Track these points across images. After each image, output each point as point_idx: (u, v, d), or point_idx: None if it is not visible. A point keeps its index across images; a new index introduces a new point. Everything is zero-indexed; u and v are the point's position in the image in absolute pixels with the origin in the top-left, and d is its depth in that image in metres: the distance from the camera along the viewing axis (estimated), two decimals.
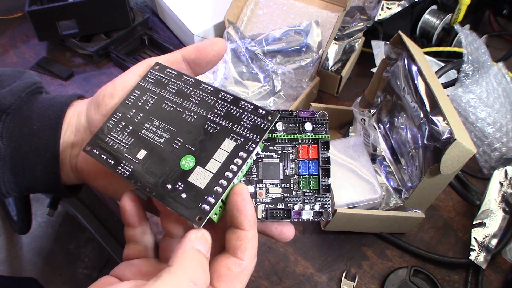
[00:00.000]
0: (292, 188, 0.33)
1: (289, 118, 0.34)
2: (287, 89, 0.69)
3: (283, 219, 0.33)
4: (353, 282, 0.53)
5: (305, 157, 0.34)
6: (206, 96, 0.33)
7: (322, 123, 0.34)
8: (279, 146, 0.34)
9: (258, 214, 0.32)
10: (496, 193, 0.57)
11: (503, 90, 0.64)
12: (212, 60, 0.35)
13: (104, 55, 0.81)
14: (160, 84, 0.35)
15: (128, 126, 0.33)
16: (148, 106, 0.34)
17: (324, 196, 0.33)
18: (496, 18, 0.86)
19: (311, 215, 0.33)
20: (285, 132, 0.34)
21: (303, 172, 0.33)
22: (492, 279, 0.54)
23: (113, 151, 0.32)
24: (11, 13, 0.89)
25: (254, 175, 0.33)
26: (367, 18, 0.74)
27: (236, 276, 0.27)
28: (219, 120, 0.31)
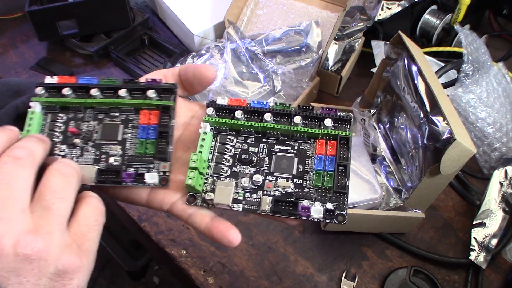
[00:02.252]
0: (305, 184, 0.32)
1: (309, 113, 0.33)
2: (287, 89, 0.69)
3: (289, 214, 0.31)
4: (353, 282, 0.53)
5: (321, 152, 0.32)
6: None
7: (345, 121, 0.33)
8: (296, 141, 0.33)
9: (263, 206, 0.31)
10: (496, 193, 0.57)
11: (503, 90, 0.63)
12: (205, 84, 0.35)
13: (104, 55, 0.81)
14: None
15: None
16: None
17: (339, 195, 0.31)
18: (496, 18, 0.86)
19: (321, 214, 0.30)
20: (304, 127, 0.33)
21: (318, 168, 0.32)
22: (492, 279, 0.54)
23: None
24: (11, 13, 0.89)
25: (266, 167, 0.33)
26: (367, 18, 0.74)
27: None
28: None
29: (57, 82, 0.35)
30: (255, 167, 0.33)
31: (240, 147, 0.34)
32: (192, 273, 0.54)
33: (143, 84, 0.34)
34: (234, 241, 0.31)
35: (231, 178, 0.33)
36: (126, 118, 0.35)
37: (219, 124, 0.34)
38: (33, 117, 0.34)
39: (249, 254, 0.55)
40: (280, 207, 0.31)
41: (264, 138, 0.34)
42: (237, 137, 0.34)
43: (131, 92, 0.35)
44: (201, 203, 0.32)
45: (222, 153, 0.34)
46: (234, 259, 0.55)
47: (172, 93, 0.35)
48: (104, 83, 0.35)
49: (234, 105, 0.34)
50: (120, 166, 0.33)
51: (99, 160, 0.34)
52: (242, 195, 0.32)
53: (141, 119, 0.34)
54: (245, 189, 0.32)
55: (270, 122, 0.33)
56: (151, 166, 0.33)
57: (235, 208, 0.32)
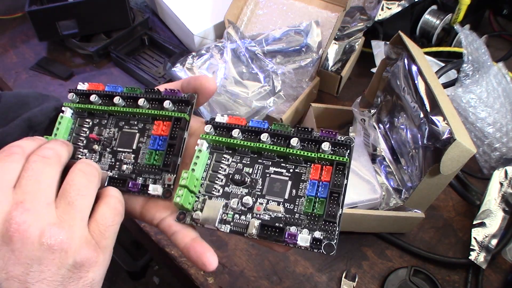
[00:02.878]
0: (296, 210, 0.31)
1: (307, 135, 0.32)
2: (287, 89, 0.69)
3: (275, 240, 0.30)
4: (353, 282, 0.53)
5: (316, 177, 0.30)
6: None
7: (345, 146, 0.31)
8: (292, 164, 0.32)
9: (251, 230, 0.30)
10: (496, 193, 0.57)
11: (503, 90, 0.64)
12: (208, 94, 0.35)
13: (104, 55, 0.81)
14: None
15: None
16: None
17: (328, 224, 0.29)
18: (496, 18, 0.86)
19: (308, 243, 0.29)
20: (301, 150, 0.32)
21: (310, 193, 0.30)
22: (492, 279, 0.54)
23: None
24: (11, 13, 0.89)
25: (258, 189, 0.32)
26: (367, 18, 0.74)
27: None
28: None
29: (87, 89, 0.36)
30: (247, 188, 0.32)
31: (235, 166, 0.33)
32: (192, 273, 0.54)
33: (161, 94, 0.35)
34: (208, 265, 0.30)
35: (222, 198, 0.33)
36: (143, 127, 0.36)
37: (216, 142, 0.34)
38: (61, 121, 0.36)
39: (249, 254, 0.55)
40: (266, 232, 0.30)
41: (260, 159, 0.33)
42: (233, 156, 0.34)
43: (150, 102, 0.35)
44: (190, 221, 0.32)
45: (216, 171, 0.34)
46: (234, 259, 0.55)
47: (188, 105, 0.34)
48: (127, 91, 0.36)
49: (233, 123, 0.33)
50: (129, 175, 0.34)
51: (114, 167, 0.35)
52: (231, 216, 0.32)
53: (154, 129, 0.34)
54: (234, 211, 0.32)
55: (267, 142, 0.32)
56: (158, 177, 0.34)
57: (222, 230, 0.31)
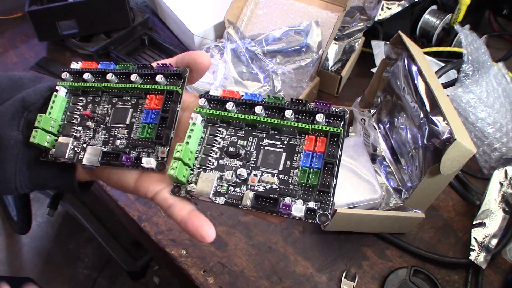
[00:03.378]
0: (290, 181, 0.31)
1: (301, 107, 0.31)
2: (287, 89, 0.69)
3: (270, 211, 0.30)
4: (353, 282, 0.53)
5: (310, 148, 0.30)
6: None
7: (339, 117, 0.31)
8: (286, 136, 0.32)
9: (245, 201, 0.30)
10: (496, 193, 0.57)
11: (503, 90, 0.64)
12: (202, 70, 0.35)
13: (104, 55, 0.81)
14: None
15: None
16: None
17: (323, 194, 0.29)
18: (496, 18, 0.86)
19: (302, 213, 0.29)
20: (296, 121, 0.31)
21: (304, 164, 0.30)
22: (492, 279, 0.54)
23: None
24: (11, 13, 0.89)
25: (252, 161, 0.32)
26: (367, 18, 0.74)
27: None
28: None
29: (81, 67, 0.37)
30: (241, 161, 0.32)
31: (229, 139, 0.33)
32: (192, 273, 0.54)
33: (154, 69, 0.35)
34: (207, 237, 0.30)
35: (216, 171, 0.32)
36: (136, 102, 0.36)
37: (210, 116, 0.33)
38: (55, 100, 0.36)
39: (249, 254, 0.55)
40: (261, 203, 0.30)
41: (254, 131, 0.33)
42: (227, 129, 0.34)
43: (142, 77, 0.35)
44: (185, 194, 0.32)
45: (211, 144, 0.33)
46: (234, 259, 0.55)
47: (181, 78, 0.34)
48: (119, 67, 0.36)
49: (227, 97, 0.33)
50: (123, 149, 0.34)
51: (107, 143, 0.35)
52: (225, 189, 0.32)
53: (147, 103, 0.34)
54: (229, 183, 0.32)
55: (261, 115, 0.32)
56: (152, 150, 0.34)
57: (217, 201, 0.31)
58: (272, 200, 0.30)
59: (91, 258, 1.35)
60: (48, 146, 0.35)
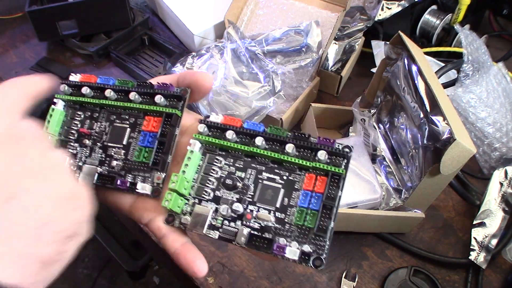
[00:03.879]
0: (287, 220, 0.30)
1: (304, 142, 0.30)
2: (287, 89, 0.69)
3: (263, 251, 0.29)
4: (353, 282, 0.53)
5: (309, 188, 0.29)
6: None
7: (343, 156, 0.29)
8: (286, 170, 0.31)
9: (239, 238, 0.30)
10: (496, 193, 0.57)
11: (503, 90, 0.64)
12: (204, 92, 0.34)
13: (104, 55, 0.81)
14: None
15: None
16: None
17: (318, 238, 0.28)
18: (496, 18, 0.86)
19: (296, 256, 0.28)
20: (297, 157, 0.30)
21: (301, 204, 0.29)
22: (492, 279, 0.54)
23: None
24: (11, 13, 0.89)
25: (250, 195, 0.31)
26: (367, 18, 0.74)
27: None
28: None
29: (80, 80, 0.36)
30: (238, 194, 0.31)
31: (227, 169, 0.32)
32: None
33: (154, 88, 0.33)
34: (198, 273, 0.30)
35: (212, 202, 0.32)
36: (134, 122, 0.34)
37: (208, 143, 0.33)
38: (53, 114, 0.35)
39: (249, 254, 0.55)
40: (255, 242, 0.29)
41: (253, 163, 0.32)
42: (226, 159, 0.33)
43: (141, 95, 0.34)
44: (178, 224, 0.32)
45: (208, 174, 0.33)
46: (234, 259, 0.55)
47: (181, 100, 0.33)
48: (118, 84, 0.35)
49: (227, 124, 0.32)
50: (118, 171, 0.33)
51: (104, 162, 0.34)
52: (220, 222, 0.31)
53: (145, 125, 0.33)
54: (224, 217, 0.31)
55: (262, 147, 0.31)
56: (148, 175, 0.33)
57: (211, 235, 0.31)
58: (267, 240, 0.29)
59: (91, 258, 1.35)
60: None
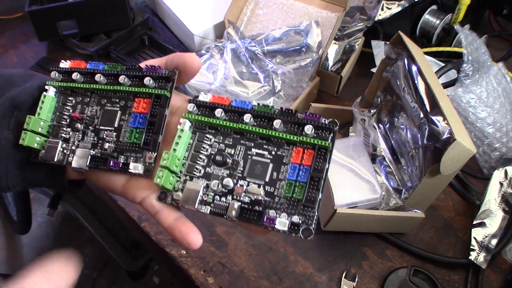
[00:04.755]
0: (276, 193, 0.31)
1: (291, 117, 0.31)
2: (287, 89, 0.69)
3: (254, 223, 0.30)
4: (353, 282, 0.53)
5: (297, 161, 0.30)
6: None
7: (329, 130, 0.30)
8: (274, 146, 0.32)
9: (230, 212, 0.30)
10: (496, 193, 0.57)
11: (503, 90, 0.64)
12: (192, 73, 0.35)
13: (104, 55, 0.81)
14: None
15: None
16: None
17: (307, 209, 0.29)
18: (496, 18, 0.86)
19: (286, 227, 0.29)
20: (284, 132, 0.31)
21: (290, 177, 0.30)
22: (492, 279, 0.54)
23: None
24: (11, 13, 0.89)
25: (239, 170, 0.32)
26: (367, 18, 0.74)
27: None
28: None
29: (69, 66, 0.37)
30: (228, 170, 0.32)
31: (217, 147, 0.33)
32: (192, 273, 0.54)
33: (142, 71, 0.34)
34: (193, 244, 0.30)
35: (203, 179, 0.32)
36: (125, 104, 0.35)
37: (198, 122, 0.33)
38: (44, 100, 0.36)
39: (249, 254, 0.55)
40: (245, 215, 0.30)
41: (242, 140, 0.33)
42: (215, 136, 0.33)
43: (131, 78, 0.35)
44: (171, 201, 0.32)
45: (198, 151, 0.33)
46: (234, 259, 0.55)
47: (169, 81, 0.34)
48: (108, 68, 0.35)
49: (216, 103, 0.33)
50: (111, 153, 0.34)
51: (96, 145, 0.35)
52: (211, 198, 0.32)
53: (135, 107, 0.34)
54: (215, 192, 0.32)
55: (250, 123, 0.32)
56: (139, 155, 0.34)
57: (202, 210, 0.31)
58: (257, 212, 0.30)
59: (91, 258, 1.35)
60: (38, 148, 0.35)
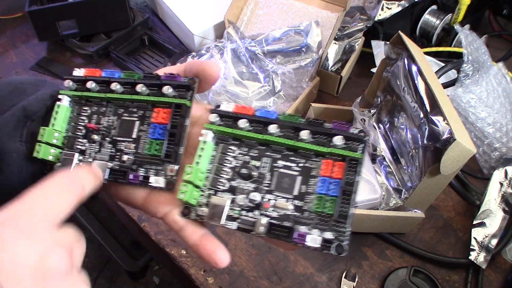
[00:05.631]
0: (306, 207, 0.29)
1: (318, 127, 0.30)
2: (287, 89, 0.69)
3: (284, 239, 0.28)
4: (353, 282, 0.53)
5: (326, 174, 0.29)
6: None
7: (359, 140, 0.29)
8: (302, 158, 0.30)
9: (258, 228, 0.29)
10: (496, 193, 0.57)
11: (503, 90, 0.64)
12: (212, 81, 0.33)
13: (104, 55, 0.81)
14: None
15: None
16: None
17: (339, 225, 0.28)
18: (496, 18, 0.86)
19: (317, 243, 0.28)
20: (312, 143, 0.30)
21: (320, 191, 0.29)
22: (492, 279, 0.54)
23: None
24: (11, 13, 0.89)
25: (266, 184, 0.31)
26: (367, 18, 0.74)
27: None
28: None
29: (84, 75, 0.35)
30: (254, 183, 0.31)
31: (241, 159, 0.32)
32: (192, 273, 0.54)
33: (161, 79, 0.33)
34: (220, 263, 0.29)
35: (228, 193, 0.31)
36: (143, 114, 0.34)
37: (221, 133, 0.32)
38: (58, 110, 0.34)
39: (249, 254, 0.55)
40: (274, 231, 0.29)
41: (268, 151, 0.31)
42: (239, 148, 0.32)
43: (149, 87, 0.33)
44: (195, 217, 0.31)
45: (222, 164, 0.32)
46: (234, 259, 0.55)
47: (189, 90, 0.32)
48: (124, 76, 0.34)
49: (239, 113, 0.32)
50: (130, 166, 0.33)
51: (114, 157, 0.33)
52: (237, 213, 0.30)
53: (154, 117, 0.32)
54: (241, 207, 0.31)
55: (275, 134, 0.30)
56: (160, 168, 0.32)
57: (228, 226, 0.30)
58: (287, 228, 0.29)
59: (91, 258, 1.35)
60: (52, 160, 0.34)
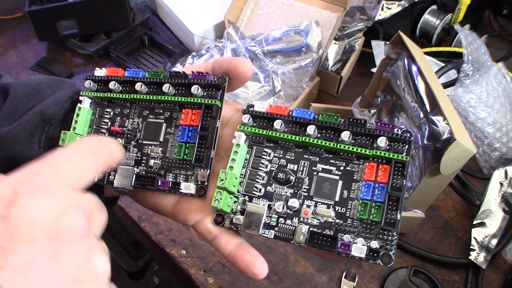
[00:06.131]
0: (348, 214, 0.27)
1: (361, 128, 0.28)
2: (287, 89, 0.69)
3: (326, 249, 0.27)
4: (353, 282, 0.53)
5: (371, 178, 0.27)
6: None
7: (404, 142, 0.27)
8: (342, 160, 0.29)
9: (298, 237, 0.27)
10: (496, 193, 0.57)
11: (503, 90, 0.63)
12: (244, 79, 0.31)
13: (104, 55, 0.81)
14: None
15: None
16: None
17: (386, 233, 0.26)
18: (496, 18, 0.86)
19: (363, 253, 0.26)
20: (353, 145, 0.28)
21: (365, 197, 0.27)
22: (492, 279, 0.54)
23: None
24: (11, 13, 0.89)
25: (305, 189, 0.29)
26: (367, 18, 0.74)
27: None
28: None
29: (105, 75, 0.33)
30: (292, 188, 0.29)
31: (277, 162, 0.30)
32: (192, 273, 0.54)
33: (188, 78, 0.31)
34: (259, 275, 0.28)
35: (264, 199, 0.29)
36: (170, 116, 0.32)
37: (255, 135, 0.30)
38: (80, 113, 0.32)
39: None
40: (316, 240, 0.27)
41: (305, 154, 0.29)
42: (275, 150, 0.30)
43: (175, 87, 0.31)
44: (229, 225, 0.29)
45: (257, 168, 0.30)
46: None
47: (219, 89, 0.30)
48: (150, 76, 0.32)
49: (273, 113, 0.30)
50: (158, 171, 0.31)
51: (140, 162, 0.32)
52: (275, 220, 0.29)
53: (183, 119, 0.30)
54: (279, 214, 0.29)
55: (313, 136, 0.29)
56: (190, 173, 0.30)
57: (266, 235, 0.29)
58: (329, 237, 0.27)
59: None
60: None
